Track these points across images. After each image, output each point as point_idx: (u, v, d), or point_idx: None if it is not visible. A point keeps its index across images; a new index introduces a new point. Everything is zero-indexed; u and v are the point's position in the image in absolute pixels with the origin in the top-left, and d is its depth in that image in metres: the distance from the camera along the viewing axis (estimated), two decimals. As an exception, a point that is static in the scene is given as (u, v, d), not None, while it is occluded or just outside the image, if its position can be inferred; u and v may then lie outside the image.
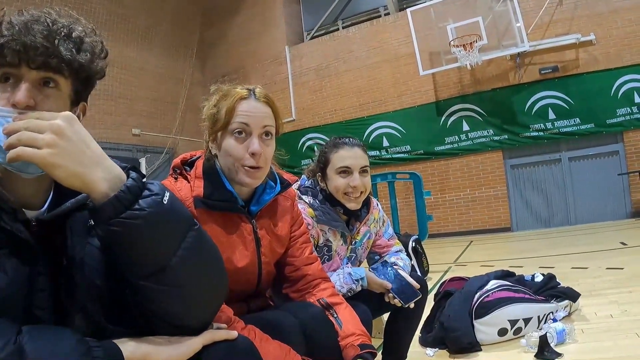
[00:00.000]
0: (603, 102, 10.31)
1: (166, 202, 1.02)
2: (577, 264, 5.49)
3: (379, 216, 2.62)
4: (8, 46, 0.99)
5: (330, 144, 2.38)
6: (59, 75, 1.06)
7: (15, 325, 0.88)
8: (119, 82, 12.16)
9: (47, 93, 1.05)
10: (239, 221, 1.71)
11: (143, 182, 1.01)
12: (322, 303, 1.80)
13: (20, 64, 1.01)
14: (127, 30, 12.60)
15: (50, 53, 1.02)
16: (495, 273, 3.66)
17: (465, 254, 8.25)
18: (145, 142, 13.00)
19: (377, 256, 2.64)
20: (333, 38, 13.61)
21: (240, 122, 1.63)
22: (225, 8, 14.87)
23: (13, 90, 1.02)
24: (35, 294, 1.00)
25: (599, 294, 3.95)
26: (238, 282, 1.68)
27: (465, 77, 11.65)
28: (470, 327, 3.09)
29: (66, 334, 0.92)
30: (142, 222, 0.97)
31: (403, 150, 12.38)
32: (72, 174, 0.92)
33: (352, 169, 2.28)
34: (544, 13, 10.64)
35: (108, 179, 0.96)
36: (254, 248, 1.73)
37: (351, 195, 2.29)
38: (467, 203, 11.80)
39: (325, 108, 13.38)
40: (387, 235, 2.66)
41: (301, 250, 1.92)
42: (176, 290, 1.04)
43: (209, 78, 14.82)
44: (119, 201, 0.95)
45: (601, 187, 10.54)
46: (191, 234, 1.07)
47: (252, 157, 1.62)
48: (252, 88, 1.70)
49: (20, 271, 0.98)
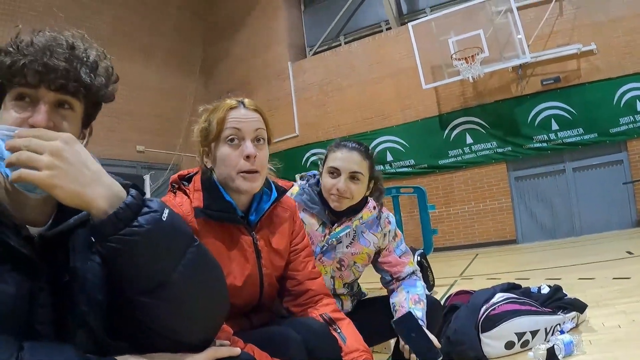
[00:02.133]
0: (606, 111, 10.28)
1: (165, 219, 1.03)
2: (584, 275, 5.45)
3: (390, 229, 2.48)
4: (30, 66, 1.01)
5: (334, 144, 2.36)
6: (75, 98, 1.08)
7: (17, 340, 0.89)
8: (123, 98, 12.13)
9: (63, 114, 1.08)
10: (239, 234, 1.71)
11: (142, 199, 1.02)
12: (325, 318, 1.78)
13: (39, 85, 1.03)
14: (130, 47, 12.71)
15: (70, 77, 1.04)
16: (502, 286, 3.64)
17: (471, 267, 8.21)
18: (149, 158, 13.05)
19: (389, 276, 2.48)
20: (335, 53, 13.67)
21: (232, 127, 1.65)
22: (228, 25, 15.00)
23: (30, 110, 1.04)
24: (37, 309, 1.01)
25: (606, 305, 3.92)
26: (240, 296, 1.68)
27: (467, 90, 11.66)
28: (477, 340, 3.07)
29: (67, 350, 0.92)
30: (141, 239, 0.97)
31: (407, 164, 12.37)
32: (71, 194, 0.94)
33: (340, 171, 2.24)
34: (545, 24, 10.67)
35: (107, 196, 0.98)
36: (254, 260, 1.73)
37: (334, 196, 2.24)
38: (472, 216, 11.76)
39: (328, 123, 13.38)
40: (399, 251, 2.50)
41: (304, 264, 1.90)
42: (176, 307, 1.04)
43: (212, 94, 14.83)
44: (118, 218, 0.96)
45: (606, 197, 10.47)
46: (191, 250, 1.08)
47: (247, 160, 1.63)
48: (240, 99, 1.74)
49: (22, 286, 0.98)
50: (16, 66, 1.01)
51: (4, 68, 1.02)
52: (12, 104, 1.04)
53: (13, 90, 1.04)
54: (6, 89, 1.05)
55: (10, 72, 1.02)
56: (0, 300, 0.94)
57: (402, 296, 2.37)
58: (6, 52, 1.03)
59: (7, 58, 1.02)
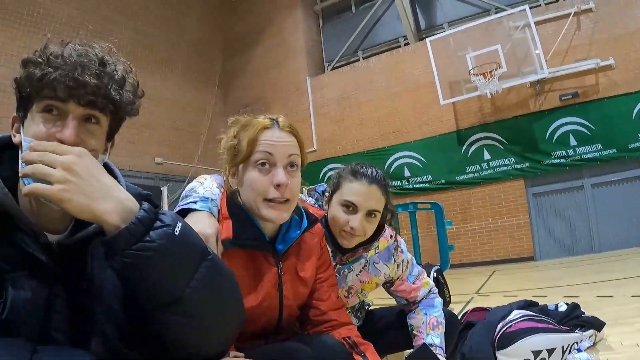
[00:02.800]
0: (624, 126, 10.16)
1: (177, 233, 1.03)
2: (602, 292, 5.38)
3: (403, 259, 2.34)
4: (60, 80, 1.02)
5: (349, 169, 2.12)
6: (102, 114, 1.10)
7: (31, 344, 0.90)
8: (143, 111, 11.99)
9: (90, 129, 1.09)
10: (265, 262, 1.62)
11: (155, 213, 1.03)
12: (349, 342, 1.68)
13: (69, 99, 1.04)
14: (150, 60, 12.86)
15: (100, 93, 1.06)
16: (518, 303, 3.61)
17: (488, 284, 8.14)
18: (167, 170, 13.14)
19: (405, 301, 2.40)
20: (354, 68, 13.71)
21: (263, 151, 1.52)
22: (247, 38, 15.12)
23: (58, 124, 1.05)
24: (53, 315, 1.02)
25: (624, 323, 3.86)
26: (256, 321, 1.61)
27: (485, 105, 11.61)
28: (493, 358, 3.04)
29: (80, 355, 0.93)
30: (153, 254, 0.98)
31: (424, 180, 12.32)
32: (82, 208, 0.95)
33: (358, 207, 2.01)
34: (563, 39, 10.62)
35: (118, 211, 0.99)
36: (275, 291, 1.64)
37: (345, 234, 2.03)
38: (489, 232, 11.66)
39: (346, 138, 13.39)
40: (412, 277, 2.38)
41: (328, 293, 1.81)
42: (191, 321, 1.05)
43: (230, 108, 15.00)
44: (130, 233, 0.97)
45: (625, 213, 10.30)
46: (205, 264, 1.08)
47: (277, 189, 1.50)
48: (274, 117, 1.62)
49: (39, 293, 1.00)
50: (46, 79, 1.01)
51: (34, 80, 1.02)
52: (40, 115, 1.05)
53: (41, 102, 1.04)
54: (34, 99, 1.05)
55: (40, 84, 1.02)
56: (17, 305, 0.96)
57: (420, 319, 2.31)
58: (35, 63, 1.04)
59: (37, 70, 1.02)
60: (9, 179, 1.05)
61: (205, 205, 1.58)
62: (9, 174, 1.07)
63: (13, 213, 1.00)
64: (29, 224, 1.01)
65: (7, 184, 1.02)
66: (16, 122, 1.11)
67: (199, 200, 1.60)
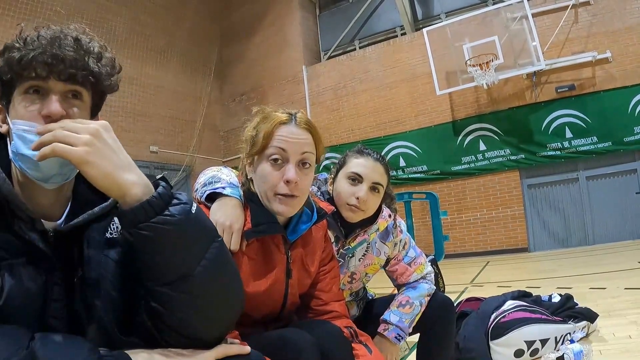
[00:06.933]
0: (620, 120, 10.22)
1: (194, 212, 1.05)
2: (595, 284, 5.41)
3: (401, 239, 2.38)
4: (39, 58, 1.02)
5: (354, 149, 2.21)
6: (83, 88, 1.09)
7: (28, 331, 0.90)
8: (138, 99, 12.35)
9: (74, 104, 1.08)
10: (276, 249, 1.64)
11: (172, 192, 1.05)
12: (350, 331, 1.71)
13: (49, 76, 1.03)
14: (146, 48, 12.83)
15: (79, 66, 1.06)
16: (512, 293, 3.63)
17: (482, 274, 8.17)
18: (162, 159, 13.10)
19: (396, 283, 2.44)
20: (350, 58, 13.70)
21: (277, 146, 1.54)
22: (243, 27, 15.08)
23: (40, 102, 1.05)
24: (50, 303, 1.02)
25: (617, 315, 3.89)
26: (259, 308, 1.64)
27: (481, 96, 11.63)
28: (486, 348, 3.06)
29: (78, 342, 0.93)
30: (172, 228, 1.00)
31: (420, 170, 12.36)
32: (107, 174, 0.96)
33: (363, 178, 2.07)
34: (560, 31, 10.63)
35: (141, 184, 1.00)
36: (283, 279, 1.67)
37: (350, 206, 2.07)
38: (483, 223, 11.72)
39: (342, 128, 13.41)
40: (408, 259, 2.40)
41: (330, 285, 1.84)
42: (195, 300, 1.05)
43: (226, 97, 15.03)
44: (150, 206, 0.98)
45: (619, 206, 10.40)
46: (215, 245, 1.09)
47: (286, 184, 1.52)
48: (293, 112, 1.62)
49: (35, 281, 1.00)
50: (25, 59, 1.01)
51: (14, 63, 1.02)
52: (21, 97, 1.05)
53: (23, 84, 1.04)
54: (16, 83, 1.05)
55: (20, 66, 1.02)
56: (14, 293, 0.96)
57: (394, 301, 2.32)
58: (13, 47, 1.04)
59: (15, 53, 1.02)
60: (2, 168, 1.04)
61: (235, 192, 1.63)
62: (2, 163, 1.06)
63: (10, 199, 0.99)
64: (26, 211, 1.01)
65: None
66: (1, 112, 1.11)
67: (227, 185, 1.64)
